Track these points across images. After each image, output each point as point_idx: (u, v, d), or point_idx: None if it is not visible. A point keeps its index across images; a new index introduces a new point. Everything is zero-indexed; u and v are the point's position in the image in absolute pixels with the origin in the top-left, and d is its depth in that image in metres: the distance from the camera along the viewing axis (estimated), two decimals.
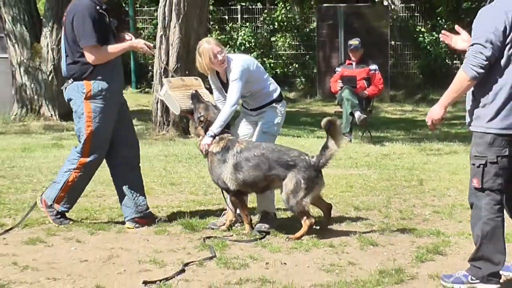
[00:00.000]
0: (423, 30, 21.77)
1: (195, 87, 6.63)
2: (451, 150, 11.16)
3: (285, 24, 22.55)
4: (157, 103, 13.07)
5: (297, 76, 22.27)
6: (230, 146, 6.25)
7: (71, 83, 6.45)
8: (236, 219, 6.50)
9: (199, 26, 12.45)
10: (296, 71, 22.30)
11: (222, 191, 6.52)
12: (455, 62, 21.15)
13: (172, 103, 6.66)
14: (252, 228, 6.36)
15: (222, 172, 6.23)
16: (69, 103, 6.56)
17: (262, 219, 6.51)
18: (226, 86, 6.44)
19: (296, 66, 22.28)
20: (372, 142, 12.32)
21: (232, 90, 6.31)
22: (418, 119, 16.95)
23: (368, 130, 12.92)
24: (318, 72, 21.05)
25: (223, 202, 6.41)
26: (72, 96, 6.46)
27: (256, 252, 5.75)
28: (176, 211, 7.10)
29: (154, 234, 6.34)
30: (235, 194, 6.29)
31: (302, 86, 21.89)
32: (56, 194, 6.54)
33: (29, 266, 5.38)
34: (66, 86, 6.55)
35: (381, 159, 10.53)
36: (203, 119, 6.36)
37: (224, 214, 6.55)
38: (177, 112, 6.84)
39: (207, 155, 6.32)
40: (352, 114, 12.10)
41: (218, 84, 6.56)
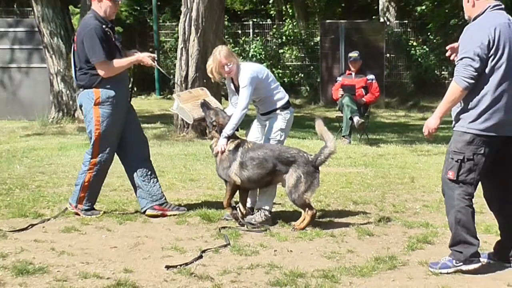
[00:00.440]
0: (415, 44, 21.69)
1: (202, 97, 6.62)
2: (439, 151, 11.12)
3: (292, 38, 22.53)
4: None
5: (302, 85, 22.22)
6: (241, 145, 6.28)
7: (82, 91, 6.49)
8: (247, 212, 6.47)
9: (215, 39, 12.43)
10: (302, 80, 22.26)
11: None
12: (443, 73, 21.15)
13: (185, 115, 6.65)
14: (232, 211, 6.31)
15: (230, 167, 6.22)
16: (81, 108, 6.59)
17: (256, 213, 6.42)
18: (238, 91, 6.47)
19: (302, 75, 22.26)
20: (369, 144, 12.28)
21: (242, 96, 6.33)
22: (410, 123, 16.89)
23: (365, 133, 12.89)
24: (321, 81, 20.97)
25: (236, 196, 6.42)
26: (83, 102, 6.49)
27: (265, 241, 5.77)
28: (195, 203, 7.11)
29: (175, 224, 6.37)
30: (233, 187, 6.26)
31: (306, 94, 21.84)
32: (77, 196, 6.56)
33: (65, 251, 5.42)
34: (78, 94, 6.61)
35: (377, 159, 10.50)
36: (215, 123, 6.37)
37: (237, 207, 6.51)
38: (190, 122, 6.84)
39: (217, 153, 6.32)
40: (351, 118, 12.08)
41: (232, 88, 6.59)
